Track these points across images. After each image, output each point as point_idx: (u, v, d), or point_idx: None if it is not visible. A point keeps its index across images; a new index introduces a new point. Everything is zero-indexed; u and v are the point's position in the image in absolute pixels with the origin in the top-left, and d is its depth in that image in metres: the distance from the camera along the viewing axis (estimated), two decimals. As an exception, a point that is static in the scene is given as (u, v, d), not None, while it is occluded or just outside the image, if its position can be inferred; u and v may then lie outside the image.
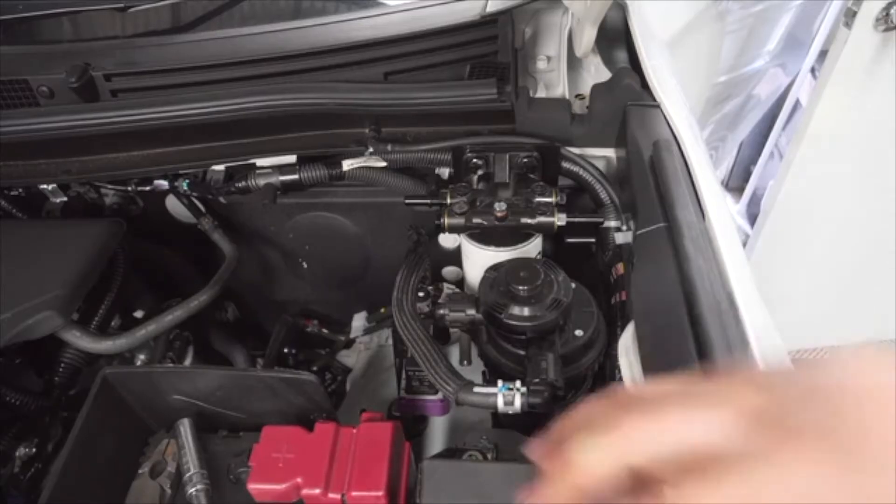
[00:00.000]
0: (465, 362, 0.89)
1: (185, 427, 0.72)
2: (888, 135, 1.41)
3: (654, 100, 0.82)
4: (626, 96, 0.83)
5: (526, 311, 0.66)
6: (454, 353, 0.90)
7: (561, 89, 0.98)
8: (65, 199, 1.00)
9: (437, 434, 0.87)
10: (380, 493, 0.62)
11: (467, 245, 0.84)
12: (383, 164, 0.91)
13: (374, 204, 0.97)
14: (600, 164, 0.88)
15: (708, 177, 0.73)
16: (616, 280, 0.77)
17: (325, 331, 1.13)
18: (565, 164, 0.86)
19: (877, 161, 1.50)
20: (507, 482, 0.58)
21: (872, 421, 0.27)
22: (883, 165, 1.50)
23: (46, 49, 0.93)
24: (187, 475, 0.68)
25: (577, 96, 0.97)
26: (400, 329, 0.72)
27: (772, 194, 1.77)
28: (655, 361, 0.58)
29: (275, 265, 1.09)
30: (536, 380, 0.62)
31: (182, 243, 1.05)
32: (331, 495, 0.63)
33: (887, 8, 1.16)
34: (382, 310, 1.07)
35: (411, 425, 0.87)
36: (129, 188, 0.97)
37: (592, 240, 0.85)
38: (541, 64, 0.96)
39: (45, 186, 0.97)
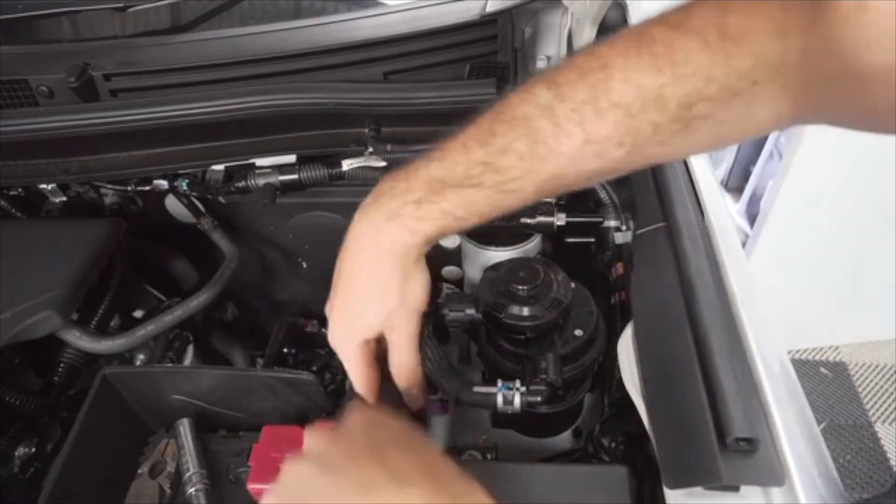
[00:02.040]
0: (465, 362, 0.89)
1: (184, 427, 0.72)
2: (888, 135, 1.41)
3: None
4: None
5: (525, 311, 0.66)
6: (454, 353, 0.90)
7: (560, 89, 0.97)
8: (64, 198, 1.00)
9: (437, 434, 0.87)
10: (379, 493, 0.61)
11: (467, 245, 0.84)
12: (383, 163, 0.90)
13: (373, 204, 0.96)
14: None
15: (707, 176, 0.73)
16: (616, 280, 0.77)
17: (324, 330, 1.12)
18: (565, 164, 0.86)
19: (876, 161, 1.50)
20: (507, 482, 0.58)
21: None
22: (882, 165, 1.50)
23: (46, 49, 0.93)
24: (187, 475, 0.68)
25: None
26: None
27: (772, 194, 1.77)
28: (655, 361, 0.58)
29: (275, 265, 1.09)
30: (536, 379, 0.62)
31: (182, 243, 1.05)
32: (330, 495, 0.63)
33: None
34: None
35: (411, 425, 0.87)
36: (129, 188, 0.97)
37: (592, 239, 0.85)
38: (541, 64, 0.96)
39: (44, 186, 0.97)
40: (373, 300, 0.55)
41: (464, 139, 0.50)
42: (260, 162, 0.94)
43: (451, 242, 0.94)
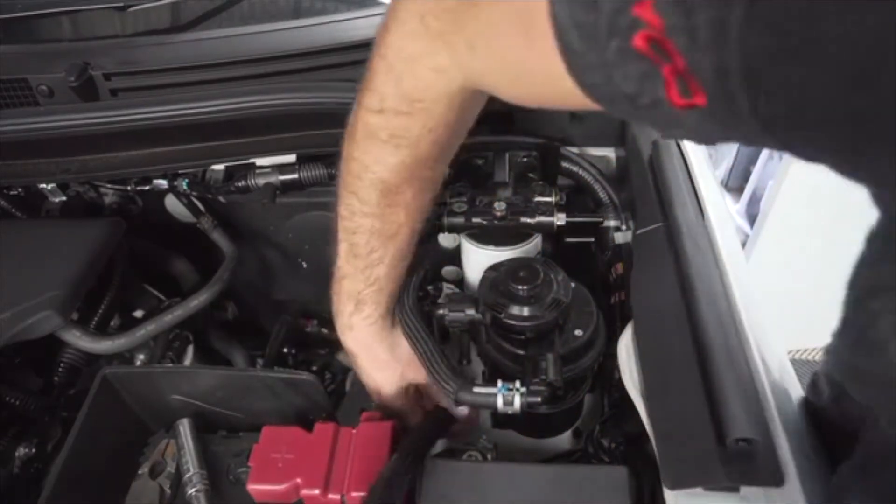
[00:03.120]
0: (465, 362, 0.89)
1: (184, 427, 0.72)
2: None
3: (654, 99, 0.82)
4: (626, 96, 0.82)
5: (525, 311, 0.66)
6: (454, 354, 0.90)
7: (560, 89, 0.97)
8: (64, 198, 1.00)
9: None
10: (379, 493, 0.62)
11: (467, 245, 0.84)
12: (383, 163, 0.90)
13: (373, 203, 0.96)
14: (600, 164, 0.88)
15: (707, 176, 0.73)
16: (616, 280, 0.77)
17: (324, 331, 1.13)
18: (564, 164, 0.86)
19: (876, 161, 1.50)
20: (507, 482, 0.58)
21: None
22: (883, 165, 1.50)
23: (46, 48, 0.93)
24: (187, 475, 0.68)
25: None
26: (401, 326, 0.72)
27: (772, 194, 1.77)
28: (655, 361, 0.58)
29: (275, 265, 1.09)
30: (536, 380, 0.62)
31: (182, 243, 1.05)
32: (330, 496, 0.63)
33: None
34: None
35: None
36: (129, 187, 0.97)
37: (592, 239, 0.85)
38: (541, 63, 0.95)
39: (44, 186, 0.97)
40: (379, 379, 0.71)
41: (345, 258, 0.65)
42: (260, 161, 0.94)
43: (450, 242, 0.94)
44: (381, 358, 0.69)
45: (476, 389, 0.63)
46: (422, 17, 0.46)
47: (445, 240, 0.95)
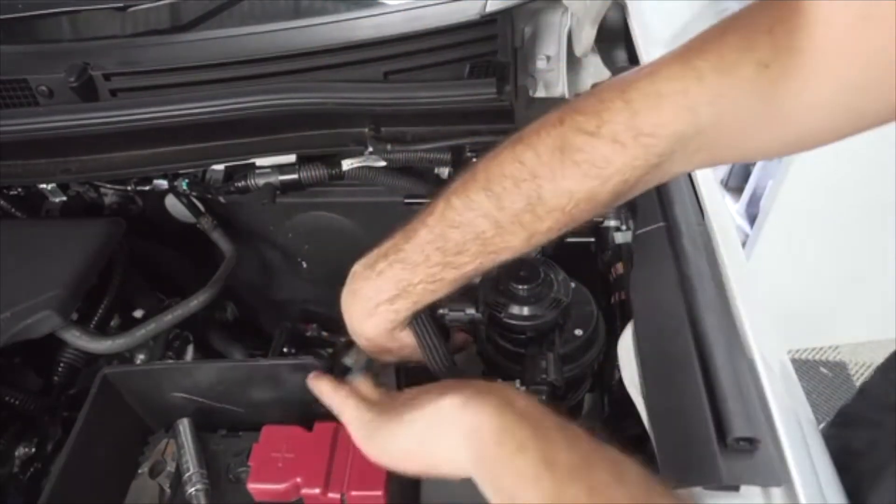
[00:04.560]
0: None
1: (184, 427, 0.72)
2: (888, 134, 1.41)
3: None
4: (626, 96, 0.82)
5: (525, 311, 0.66)
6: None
7: (560, 88, 0.98)
8: (64, 198, 1.00)
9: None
10: (379, 493, 0.62)
11: (467, 245, 0.84)
12: (383, 163, 0.91)
13: (373, 203, 0.96)
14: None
15: (707, 176, 0.73)
16: (615, 279, 0.77)
17: (325, 334, 1.12)
18: (565, 164, 0.86)
19: (876, 160, 1.50)
20: (507, 482, 0.58)
21: None
22: (883, 164, 1.50)
23: (46, 48, 0.93)
24: (187, 475, 0.68)
25: (576, 96, 0.97)
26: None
27: (772, 194, 1.77)
28: (655, 361, 0.58)
29: (274, 265, 1.09)
30: (536, 379, 0.62)
31: (181, 243, 1.05)
32: (330, 495, 0.63)
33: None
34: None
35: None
36: (129, 187, 0.97)
37: (592, 239, 0.85)
38: (540, 63, 0.96)
39: (44, 186, 0.97)
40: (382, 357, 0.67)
41: (420, 244, 0.56)
42: (260, 162, 0.94)
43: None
44: (382, 345, 0.65)
45: (476, 389, 0.62)
46: (699, 76, 0.43)
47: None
